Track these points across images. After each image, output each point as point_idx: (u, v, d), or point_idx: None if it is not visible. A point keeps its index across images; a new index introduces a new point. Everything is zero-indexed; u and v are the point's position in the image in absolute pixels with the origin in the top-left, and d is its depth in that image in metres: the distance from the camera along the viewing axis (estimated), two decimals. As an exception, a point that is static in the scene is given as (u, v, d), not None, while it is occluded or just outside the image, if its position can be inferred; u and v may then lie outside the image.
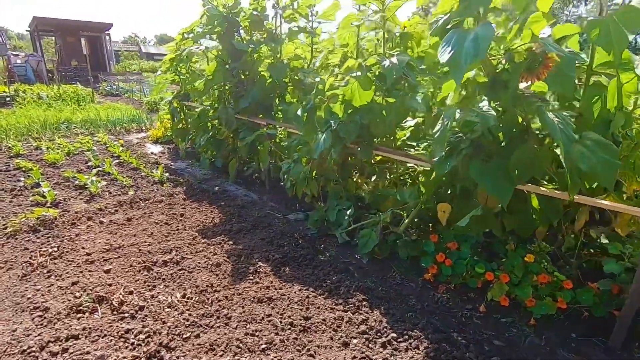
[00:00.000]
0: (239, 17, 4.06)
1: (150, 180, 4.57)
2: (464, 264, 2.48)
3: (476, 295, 2.44)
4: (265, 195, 4.23)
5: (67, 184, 4.33)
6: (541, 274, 2.26)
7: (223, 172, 4.94)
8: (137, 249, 2.87)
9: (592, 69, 1.85)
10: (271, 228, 3.37)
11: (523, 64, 1.72)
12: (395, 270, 2.75)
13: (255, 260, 2.77)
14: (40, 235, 3.07)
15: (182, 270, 2.60)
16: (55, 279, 2.48)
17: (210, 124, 4.94)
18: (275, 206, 3.91)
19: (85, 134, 7.35)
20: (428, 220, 2.97)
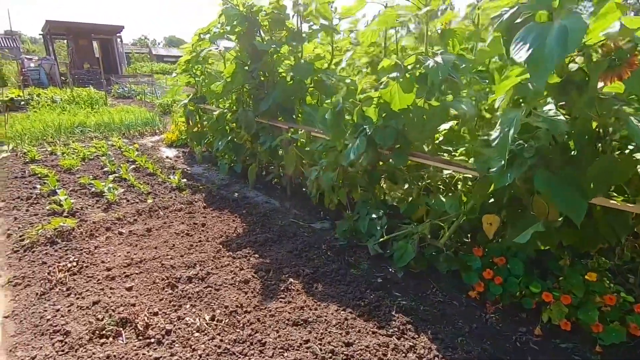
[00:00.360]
0: (258, 16, 3.88)
1: (168, 187, 4.42)
2: (517, 282, 2.26)
3: (529, 316, 2.23)
4: (286, 201, 4.05)
5: (84, 191, 4.21)
6: (606, 295, 2.03)
7: (241, 177, 4.77)
8: (159, 263, 2.72)
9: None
10: (297, 238, 3.19)
11: (603, 61, 1.50)
12: (434, 287, 2.54)
13: (285, 276, 2.58)
14: (58, 248, 2.94)
15: (209, 287, 2.43)
16: (75, 297, 2.33)
17: (229, 127, 4.78)
18: (298, 214, 3.73)
19: (99, 137, 7.27)
20: (468, 231, 2.75)
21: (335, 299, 2.35)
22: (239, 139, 4.47)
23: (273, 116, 4.07)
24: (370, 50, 3.08)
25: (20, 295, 2.37)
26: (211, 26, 4.47)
